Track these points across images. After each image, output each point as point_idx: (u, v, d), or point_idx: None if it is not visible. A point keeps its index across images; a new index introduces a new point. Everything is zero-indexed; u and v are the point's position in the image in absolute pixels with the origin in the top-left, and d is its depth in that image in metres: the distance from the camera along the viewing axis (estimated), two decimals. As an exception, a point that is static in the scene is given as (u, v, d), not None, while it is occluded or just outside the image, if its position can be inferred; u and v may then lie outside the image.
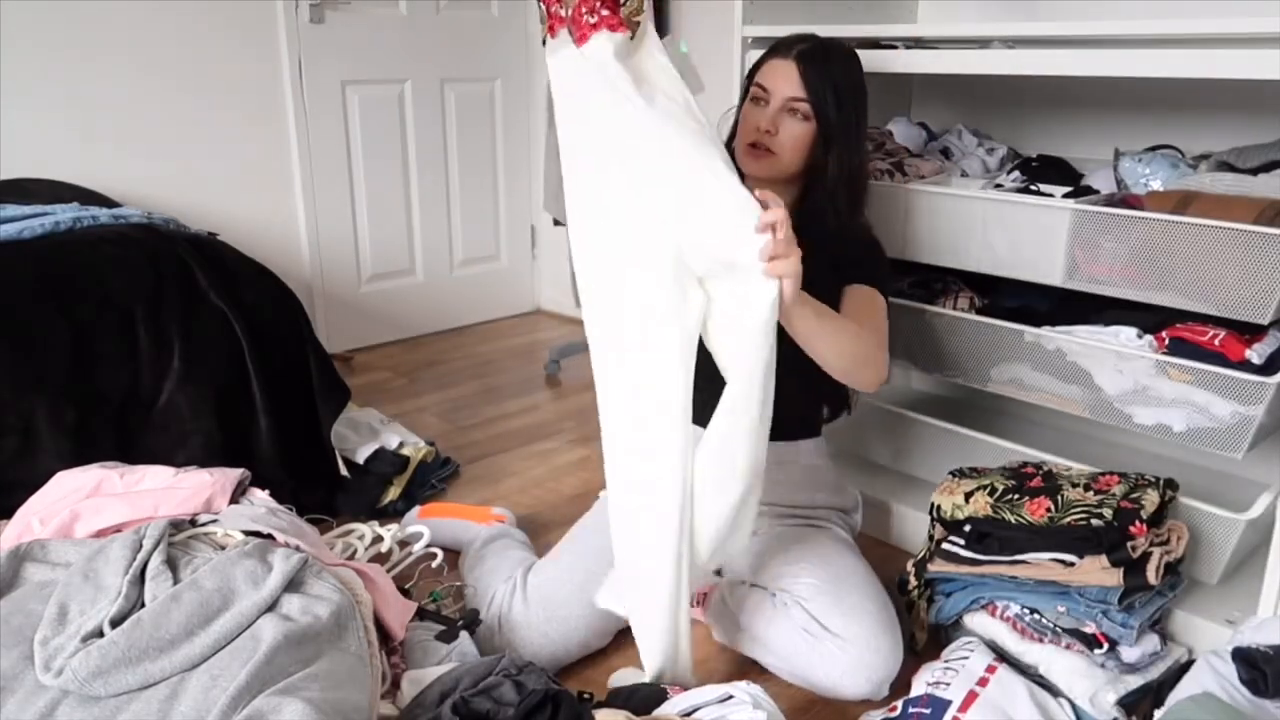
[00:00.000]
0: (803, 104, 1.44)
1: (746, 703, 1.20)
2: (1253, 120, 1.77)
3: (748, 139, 1.48)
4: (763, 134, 1.45)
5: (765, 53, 1.51)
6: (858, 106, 1.49)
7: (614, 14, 1.18)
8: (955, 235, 1.69)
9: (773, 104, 1.46)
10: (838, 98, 1.45)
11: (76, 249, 1.78)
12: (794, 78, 1.44)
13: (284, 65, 2.81)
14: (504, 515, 1.88)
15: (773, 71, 1.47)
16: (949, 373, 1.80)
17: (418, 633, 1.44)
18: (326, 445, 1.98)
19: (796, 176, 1.50)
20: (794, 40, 1.49)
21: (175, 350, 1.79)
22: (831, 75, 1.45)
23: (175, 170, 2.67)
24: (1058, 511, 1.42)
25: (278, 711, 1.01)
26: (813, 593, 1.45)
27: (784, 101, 1.45)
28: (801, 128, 1.45)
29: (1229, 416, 1.45)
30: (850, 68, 1.49)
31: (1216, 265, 1.39)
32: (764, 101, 1.47)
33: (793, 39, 1.49)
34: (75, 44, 2.43)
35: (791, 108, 1.45)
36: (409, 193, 3.19)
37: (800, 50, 1.46)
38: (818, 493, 1.66)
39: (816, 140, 1.46)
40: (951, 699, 1.29)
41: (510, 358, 3.13)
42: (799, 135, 1.46)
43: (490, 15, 3.25)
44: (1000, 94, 2.14)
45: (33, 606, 1.19)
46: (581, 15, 1.19)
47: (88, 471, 1.51)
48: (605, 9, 1.18)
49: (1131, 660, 1.35)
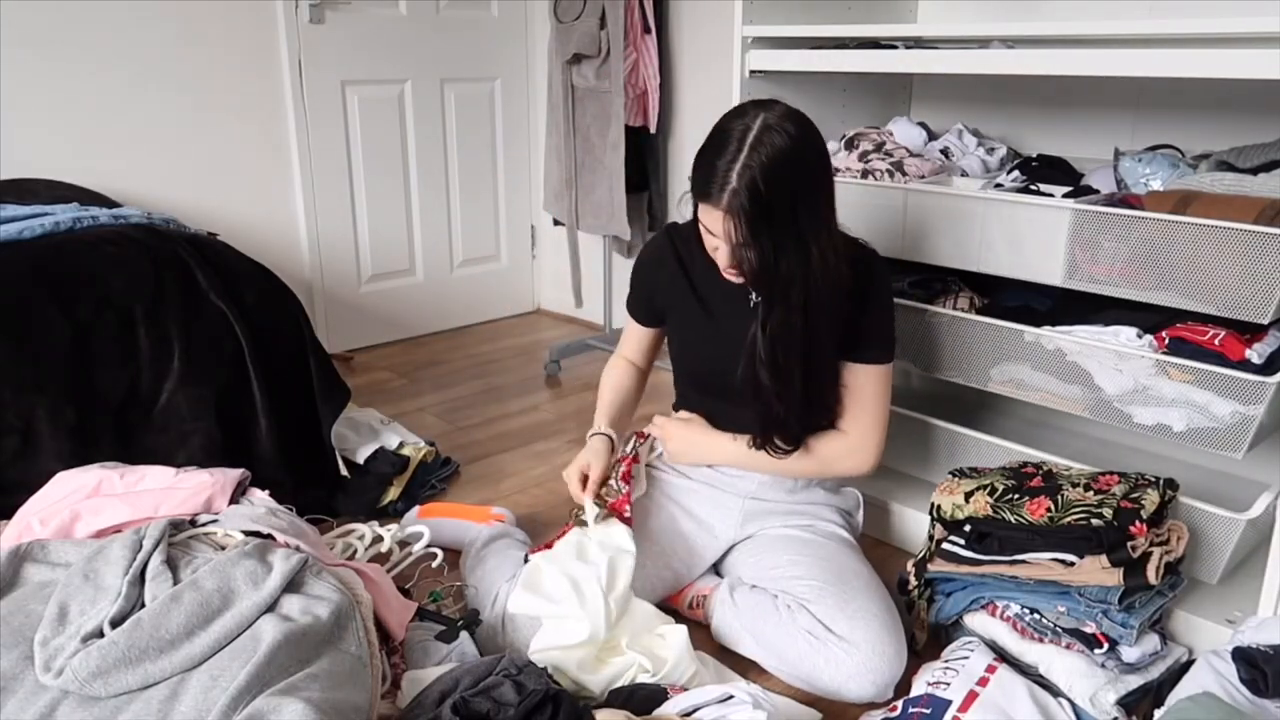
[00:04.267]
0: (750, 244, 1.33)
1: (746, 703, 1.20)
2: (1253, 120, 1.77)
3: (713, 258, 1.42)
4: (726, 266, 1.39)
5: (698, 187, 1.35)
6: (807, 209, 1.35)
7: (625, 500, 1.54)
8: (955, 235, 1.69)
9: (723, 247, 1.36)
10: (774, 238, 1.32)
11: (76, 249, 1.78)
12: (731, 226, 1.32)
13: (284, 65, 2.81)
14: (504, 515, 1.88)
15: (709, 217, 1.35)
16: (949, 373, 1.80)
17: (418, 633, 1.44)
18: (326, 445, 1.98)
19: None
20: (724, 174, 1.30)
21: (175, 350, 1.79)
22: (767, 214, 1.31)
23: (175, 170, 2.67)
24: (1058, 511, 1.41)
25: (278, 711, 1.01)
26: (816, 595, 1.45)
27: (733, 244, 1.35)
28: (759, 252, 1.34)
29: (1229, 416, 1.45)
30: (789, 175, 1.31)
31: (1216, 265, 1.39)
32: (714, 235, 1.37)
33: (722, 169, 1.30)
34: (75, 44, 2.43)
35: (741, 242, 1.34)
36: (409, 193, 3.19)
37: (729, 196, 1.30)
38: (819, 494, 1.66)
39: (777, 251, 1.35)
40: (951, 699, 1.29)
41: (510, 358, 3.13)
42: (762, 256, 1.34)
43: (490, 15, 3.25)
44: (1000, 94, 2.14)
45: (33, 607, 1.19)
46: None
47: (88, 472, 1.51)
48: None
49: (1131, 660, 1.35)
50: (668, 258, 1.58)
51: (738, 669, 1.48)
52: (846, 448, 1.55)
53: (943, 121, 2.15)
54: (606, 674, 1.35)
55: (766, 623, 1.47)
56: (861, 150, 1.87)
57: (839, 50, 1.82)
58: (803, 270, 1.37)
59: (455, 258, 3.38)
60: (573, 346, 2.99)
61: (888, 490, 1.91)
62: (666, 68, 2.84)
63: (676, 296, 1.59)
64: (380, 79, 3.03)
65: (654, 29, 2.71)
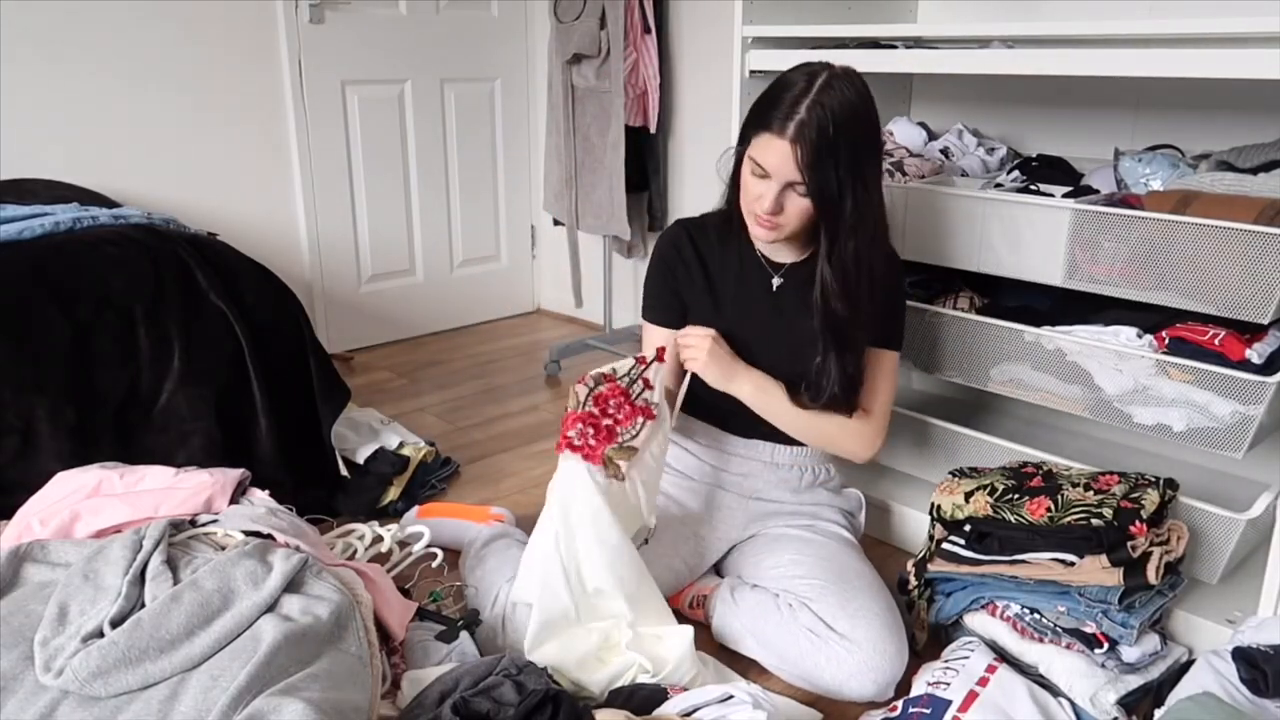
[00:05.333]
0: (801, 186, 1.36)
1: (746, 703, 1.20)
2: (1253, 120, 1.77)
3: (751, 208, 1.42)
4: (767, 214, 1.39)
5: (759, 120, 1.37)
6: (869, 162, 1.39)
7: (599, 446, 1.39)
8: (955, 235, 1.69)
9: (773, 183, 1.37)
10: (838, 175, 1.34)
11: (76, 249, 1.77)
12: (791, 161, 1.33)
13: (284, 65, 2.81)
14: (503, 515, 1.88)
15: (767, 149, 1.35)
16: (949, 373, 1.80)
17: (418, 633, 1.44)
18: (326, 445, 1.98)
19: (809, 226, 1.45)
20: (790, 105, 1.33)
21: (175, 350, 1.79)
22: (833, 152, 1.33)
23: (175, 170, 2.67)
24: (1058, 511, 1.41)
25: (278, 712, 1.01)
26: (818, 594, 1.45)
27: (785, 181, 1.37)
28: (805, 203, 1.38)
29: (1229, 416, 1.45)
30: (854, 124, 1.34)
31: (1216, 265, 1.39)
32: (765, 177, 1.38)
33: (788, 109, 1.33)
34: (75, 44, 2.43)
35: (793, 185, 1.37)
36: (409, 193, 3.19)
37: (797, 127, 1.32)
38: (821, 494, 1.66)
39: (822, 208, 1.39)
40: (952, 699, 1.29)
41: (510, 358, 3.13)
42: (803, 209, 1.39)
43: (490, 15, 3.25)
44: (1000, 94, 2.14)
45: (33, 607, 1.19)
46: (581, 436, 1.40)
47: (88, 472, 1.51)
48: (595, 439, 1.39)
49: (1131, 660, 1.35)
50: (685, 245, 1.58)
51: (738, 669, 1.48)
52: (861, 423, 1.55)
53: (943, 121, 2.15)
54: (606, 674, 1.35)
55: (767, 622, 1.47)
56: (861, 150, 1.87)
57: (839, 50, 1.82)
58: (867, 212, 1.40)
59: (455, 258, 3.38)
60: (573, 346, 2.99)
61: (888, 490, 1.91)
62: (666, 68, 2.84)
63: (695, 288, 1.57)
64: (380, 79, 3.02)
65: (654, 29, 2.71)
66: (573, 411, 1.40)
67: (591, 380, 1.42)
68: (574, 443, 1.39)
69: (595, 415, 1.40)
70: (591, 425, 1.39)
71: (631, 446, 1.42)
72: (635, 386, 1.44)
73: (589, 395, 1.41)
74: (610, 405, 1.42)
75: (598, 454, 1.39)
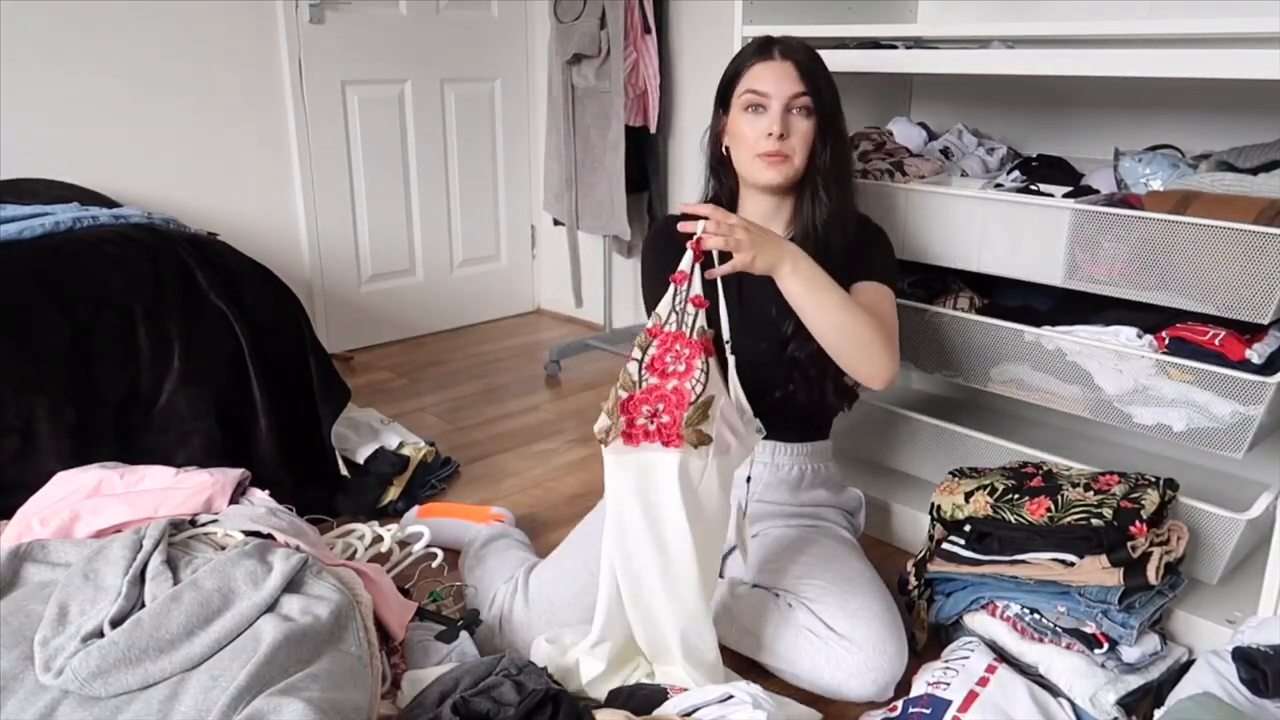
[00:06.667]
0: (804, 98, 1.44)
1: (746, 703, 1.20)
2: (1253, 120, 1.77)
3: (758, 149, 1.46)
4: (775, 139, 1.44)
5: (741, 61, 1.50)
6: (838, 114, 1.50)
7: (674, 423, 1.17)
8: (955, 235, 1.69)
9: (774, 107, 1.44)
10: (829, 86, 1.47)
11: (76, 249, 1.78)
12: (791, 75, 1.44)
13: (284, 65, 2.81)
14: (503, 515, 1.88)
15: (765, 74, 1.45)
16: (949, 373, 1.80)
17: (418, 633, 1.44)
18: (326, 445, 1.98)
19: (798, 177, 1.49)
20: (768, 42, 1.48)
21: (175, 350, 1.79)
22: (818, 66, 1.47)
23: (175, 170, 2.67)
24: (1058, 511, 1.41)
25: (278, 711, 1.01)
26: (818, 594, 1.45)
27: (786, 101, 1.44)
28: (807, 124, 1.45)
29: (1229, 416, 1.45)
30: (822, 63, 1.51)
31: (1216, 265, 1.39)
32: (762, 108, 1.45)
33: (764, 42, 1.49)
34: (75, 44, 2.43)
35: (794, 106, 1.44)
36: (409, 193, 3.19)
37: (783, 49, 1.46)
38: (822, 494, 1.66)
39: (816, 134, 1.46)
40: (952, 699, 1.29)
41: (510, 358, 3.13)
42: (806, 132, 1.45)
43: (490, 15, 3.25)
44: (1000, 94, 2.14)
45: (33, 607, 1.19)
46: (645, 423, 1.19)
47: (88, 472, 1.50)
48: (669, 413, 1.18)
49: (1131, 660, 1.35)
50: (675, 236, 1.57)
51: (738, 669, 1.48)
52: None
53: (943, 121, 2.15)
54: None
55: (767, 621, 1.47)
56: (861, 150, 1.87)
57: (839, 50, 1.82)
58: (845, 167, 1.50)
59: (455, 258, 3.38)
60: (573, 346, 2.99)
61: (888, 490, 1.91)
62: (666, 68, 2.84)
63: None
64: (380, 79, 3.03)
65: (654, 29, 2.71)
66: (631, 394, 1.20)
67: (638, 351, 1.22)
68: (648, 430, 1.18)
69: (656, 384, 1.18)
70: (659, 400, 1.18)
71: (707, 399, 1.18)
72: (686, 318, 1.21)
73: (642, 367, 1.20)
74: (668, 360, 1.20)
75: (675, 431, 1.17)
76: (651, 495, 1.20)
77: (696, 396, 1.17)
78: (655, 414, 1.18)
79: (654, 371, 1.19)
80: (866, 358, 1.38)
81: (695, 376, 1.18)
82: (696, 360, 1.18)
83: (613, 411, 1.20)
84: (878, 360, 1.38)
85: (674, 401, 1.17)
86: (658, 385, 1.18)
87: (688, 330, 1.20)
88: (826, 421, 1.67)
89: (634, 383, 1.20)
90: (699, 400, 1.17)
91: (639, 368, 1.20)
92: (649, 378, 1.19)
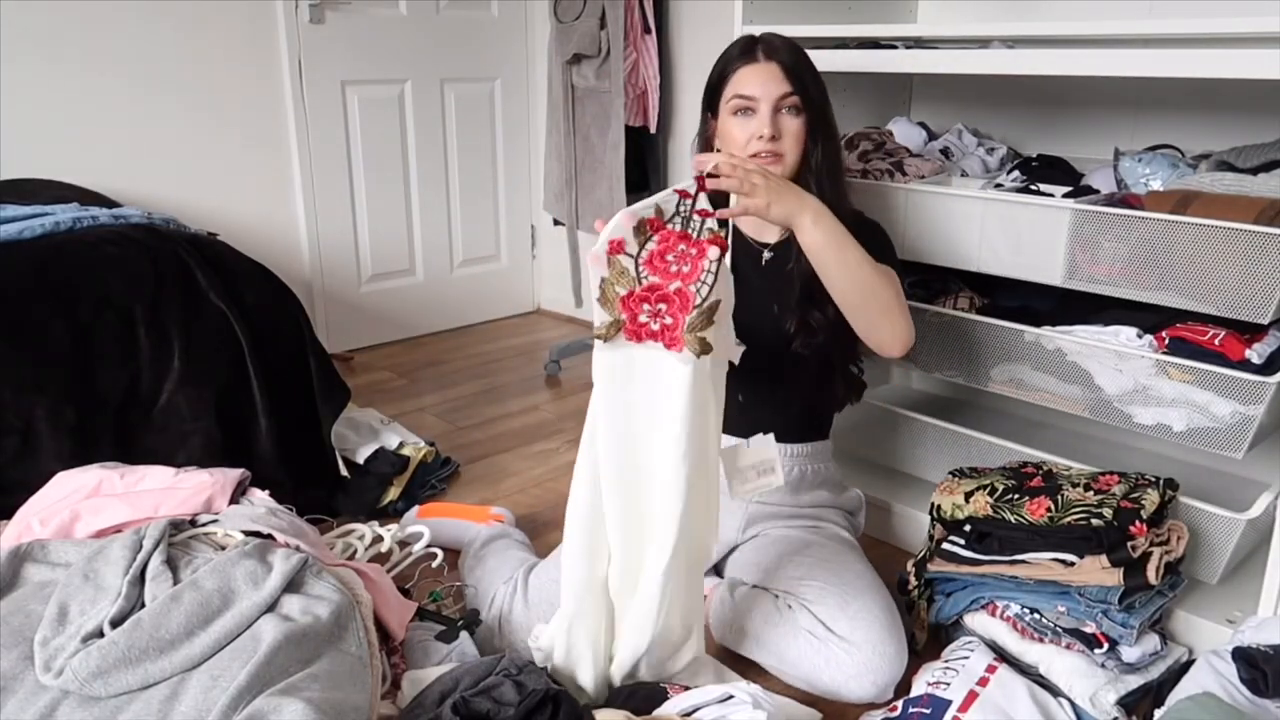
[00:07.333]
0: (792, 98, 1.44)
1: (746, 703, 1.20)
2: (1253, 120, 1.77)
3: (749, 151, 1.45)
4: (766, 141, 1.44)
5: (726, 65, 1.50)
6: (827, 106, 1.50)
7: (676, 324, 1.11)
8: (955, 235, 1.69)
9: (762, 109, 1.44)
10: (815, 83, 1.47)
11: (76, 249, 1.77)
12: (777, 75, 1.44)
13: (284, 65, 2.81)
14: (503, 515, 1.88)
15: (751, 77, 1.46)
16: (949, 373, 1.80)
17: (418, 633, 1.44)
18: (326, 445, 1.98)
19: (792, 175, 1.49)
20: (751, 43, 1.49)
21: (175, 350, 1.79)
22: (803, 62, 1.47)
23: (175, 170, 2.67)
24: (1058, 511, 1.41)
25: (278, 711, 1.01)
26: (818, 595, 1.45)
27: (775, 102, 1.44)
28: (797, 122, 1.45)
29: (1229, 416, 1.45)
30: (807, 59, 1.50)
31: (1216, 265, 1.39)
32: (751, 111, 1.45)
33: (747, 42, 1.49)
34: (75, 44, 2.43)
35: (782, 106, 1.45)
36: (409, 193, 3.19)
37: (766, 49, 1.46)
38: (822, 494, 1.66)
39: (807, 132, 1.47)
40: (952, 699, 1.29)
41: (510, 358, 3.13)
42: (797, 130, 1.46)
43: (490, 15, 3.25)
44: (1000, 94, 2.14)
45: (33, 607, 1.19)
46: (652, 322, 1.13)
47: (88, 472, 1.51)
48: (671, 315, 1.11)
49: (1131, 660, 1.35)
50: None
51: (738, 669, 1.48)
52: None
53: (943, 121, 2.15)
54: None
55: (767, 623, 1.47)
56: (861, 150, 1.87)
57: (839, 50, 1.82)
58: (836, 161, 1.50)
59: (455, 258, 3.38)
60: (573, 346, 2.99)
61: (888, 490, 1.91)
62: (666, 68, 2.84)
63: None
64: (380, 79, 3.03)
65: (654, 29, 2.71)
66: (631, 290, 1.11)
67: (634, 235, 1.10)
68: (651, 329, 1.09)
69: (658, 283, 1.09)
70: (661, 300, 1.08)
71: (711, 305, 1.10)
72: (693, 223, 1.12)
73: (639, 259, 1.09)
74: (670, 260, 1.10)
75: (677, 334, 1.09)
76: (656, 386, 1.14)
77: (702, 300, 1.10)
78: (658, 314, 1.12)
79: (654, 270, 1.11)
80: (888, 321, 1.37)
81: (700, 279, 1.11)
82: (703, 262, 1.10)
83: (613, 307, 1.13)
84: (899, 324, 1.38)
85: (677, 304, 1.11)
86: (660, 284, 1.11)
87: (694, 232, 1.13)
88: (828, 421, 1.67)
89: (634, 279, 1.12)
90: (704, 304, 1.10)
91: (635, 263, 1.11)
92: (648, 275, 1.12)
